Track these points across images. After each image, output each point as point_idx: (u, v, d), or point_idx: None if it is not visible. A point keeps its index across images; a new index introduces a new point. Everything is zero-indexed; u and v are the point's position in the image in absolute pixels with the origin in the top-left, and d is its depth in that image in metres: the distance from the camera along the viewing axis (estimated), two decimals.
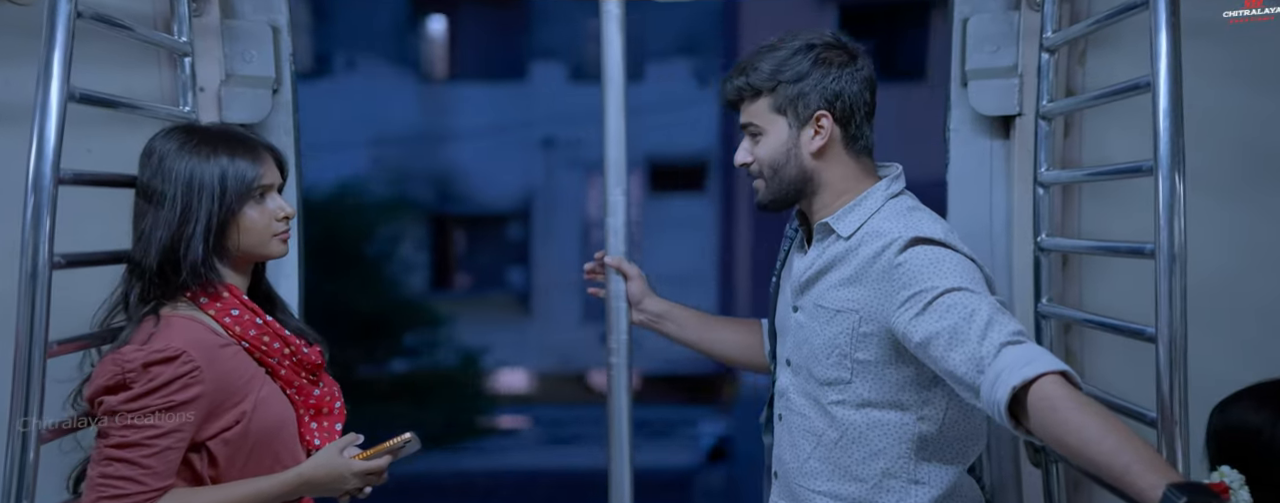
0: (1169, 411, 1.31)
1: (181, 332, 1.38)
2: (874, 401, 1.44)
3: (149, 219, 1.42)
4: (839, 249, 1.48)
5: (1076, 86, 1.78)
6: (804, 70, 1.46)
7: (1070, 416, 1.17)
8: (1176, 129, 1.32)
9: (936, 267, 1.37)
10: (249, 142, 1.47)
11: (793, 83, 1.46)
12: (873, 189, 1.49)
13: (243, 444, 1.40)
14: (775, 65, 1.47)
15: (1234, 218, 1.67)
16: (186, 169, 1.40)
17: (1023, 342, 1.28)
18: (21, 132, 1.33)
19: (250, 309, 1.45)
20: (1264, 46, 1.64)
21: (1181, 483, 1.06)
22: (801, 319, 1.52)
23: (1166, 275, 1.31)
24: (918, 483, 1.45)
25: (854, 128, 1.48)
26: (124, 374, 1.33)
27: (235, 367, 1.41)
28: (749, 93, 1.49)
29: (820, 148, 1.47)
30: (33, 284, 1.31)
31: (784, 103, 1.47)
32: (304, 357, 1.49)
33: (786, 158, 1.48)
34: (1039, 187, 1.78)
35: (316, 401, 1.51)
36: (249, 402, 1.40)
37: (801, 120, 1.47)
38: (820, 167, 1.48)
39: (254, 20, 1.86)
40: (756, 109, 1.49)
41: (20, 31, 1.56)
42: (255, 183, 1.43)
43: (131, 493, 1.33)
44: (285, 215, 1.48)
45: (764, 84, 1.47)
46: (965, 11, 1.85)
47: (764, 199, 1.52)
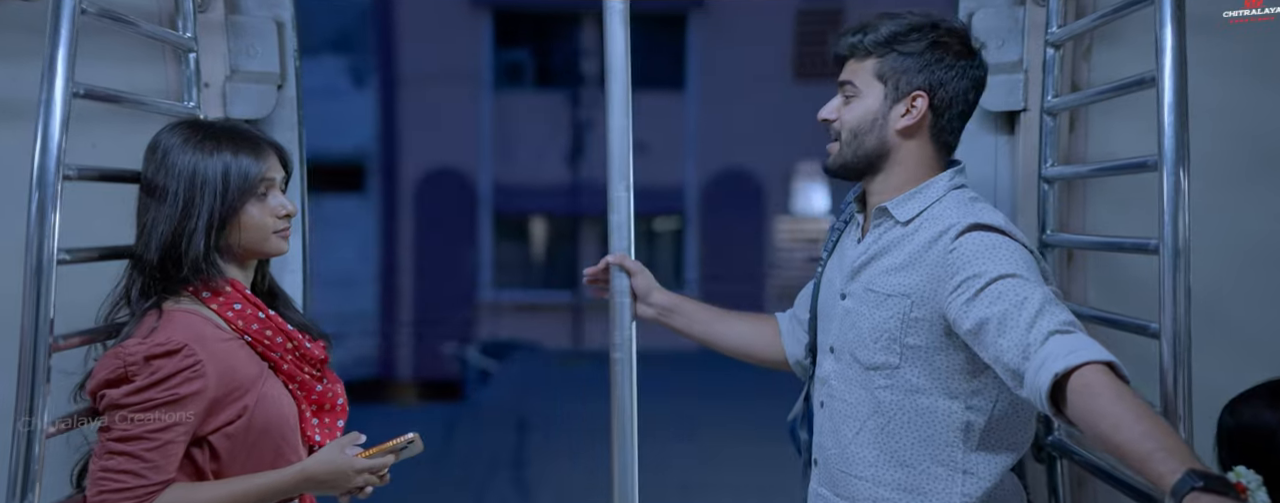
0: (1173, 407, 1.30)
1: (184, 326, 1.38)
2: (923, 387, 1.43)
3: (151, 214, 1.42)
4: (895, 235, 1.47)
5: (1081, 82, 1.77)
6: (919, 48, 1.44)
7: (1107, 403, 1.16)
8: (1181, 124, 1.31)
9: (992, 253, 1.35)
10: (253, 138, 1.47)
11: (903, 55, 1.44)
12: (936, 179, 1.47)
13: (245, 439, 1.40)
14: (893, 32, 1.45)
15: (1238, 213, 1.66)
16: (190, 165, 1.41)
17: (1073, 331, 1.26)
18: (26, 127, 1.34)
19: (253, 304, 1.45)
20: (1269, 42, 1.63)
21: (1202, 470, 1.06)
22: (849, 305, 1.50)
23: (1170, 271, 1.31)
24: (967, 473, 1.43)
25: (946, 120, 1.46)
26: (126, 367, 1.34)
27: (238, 361, 1.41)
28: (860, 51, 1.47)
29: (907, 127, 1.45)
30: (37, 279, 1.31)
31: (887, 71, 1.45)
32: (306, 352, 1.49)
33: (871, 126, 1.47)
34: (1043, 182, 1.77)
35: (319, 396, 1.51)
36: (251, 396, 1.41)
37: (899, 94, 1.45)
38: (900, 145, 1.46)
39: (258, 16, 1.86)
40: (861, 69, 1.47)
41: (26, 27, 1.56)
42: (258, 179, 1.44)
43: (133, 487, 1.33)
44: (286, 213, 1.48)
45: (876, 47, 1.46)
46: (970, 6, 1.85)
47: (834, 164, 1.51)
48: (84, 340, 1.46)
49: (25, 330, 1.31)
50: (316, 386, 1.51)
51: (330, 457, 1.42)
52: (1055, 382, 1.21)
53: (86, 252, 1.45)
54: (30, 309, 1.31)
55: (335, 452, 1.43)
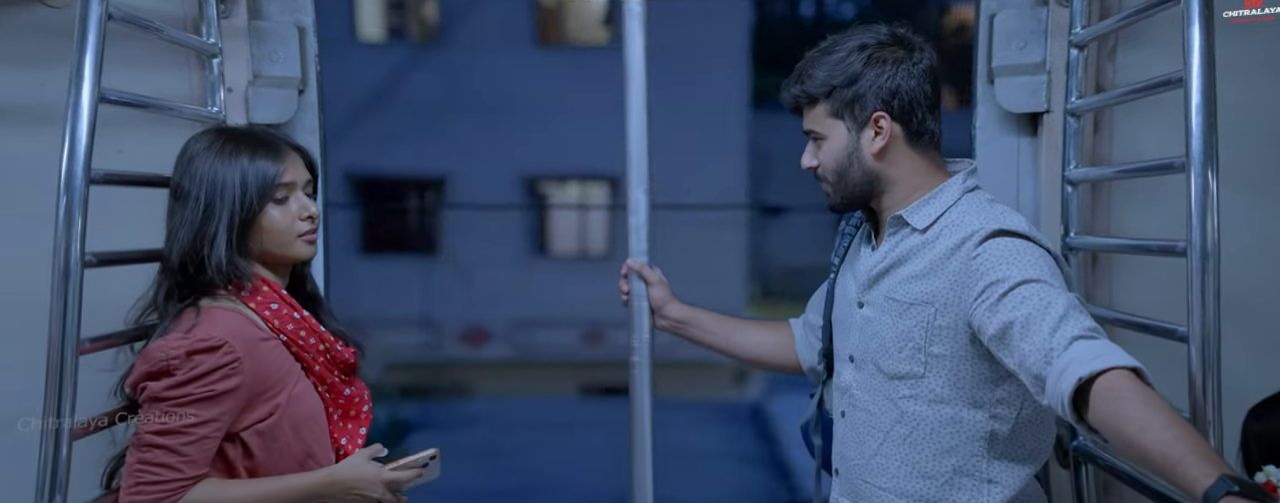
0: (1202, 412, 1.29)
1: (224, 323, 1.40)
2: (947, 397, 1.42)
3: (177, 218, 1.45)
4: (914, 242, 1.46)
5: (1106, 83, 1.76)
6: (857, 72, 1.44)
7: (1133, 407, 1.14)
8: (1209, 125, 1.30)
9: (1016, 258, 1.35)
10: (272, 141, 1.49)
11: (847, 86, 1.45)
12: (949, 183, 1.47)
13: (277, 436, 1.43)
14: (828, 71, 1.46)
15: (1268, 215, 1.64)
16: (210, 169, 1.43)
17: (1097, 337, 1.25)
18: (55, 132, 1.35)
19: (288, 304, 1.47)
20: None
21: (1235, 476, 1.05)
22: (869, 314, 1.49)
23: (1199, 274, 1.29)
24: (991, 483, 1.43)
25: (916, 123, 1.46)
26: (168, 361, 1.36)
27: (274, 360, 1.43)
28: (806, 100, 1.49)
29: (882, 148, 1.45)
30: (65, 283, 1.33)
31: (840, 107, 1.46)
32: (338, 354, 1.51)
33: (850, 161, 1.47)
34: (1067, 184, 1.76)
35: (346, 401, 1.52)
36: (284, 395, 1.43)
37: (860, 123, 1.45)
38: (885, 166, 1.47)
39: (280, 21, 1.87)
40: (815, 115, 1.49)
41: (53, 34, 1.58)
42: (276, 181, 1.45)
43: (168, 479, 1.36)
44: (309, 216, 1.49)
45: (818, 91, 1.46)
46: (992, 7, 1.84)
47: (834, 202, 1.52)
48: (112, 343, 1.48)
49: (53, 333, 1.33)
50: (345, 389, 1.52)
51: (358, 464, 1.44)
52: (1078, 387, 1.19)
53: (113, 255, 1.47)
54: (57, 312, 1.33)
55: (362, 460, 1.45)
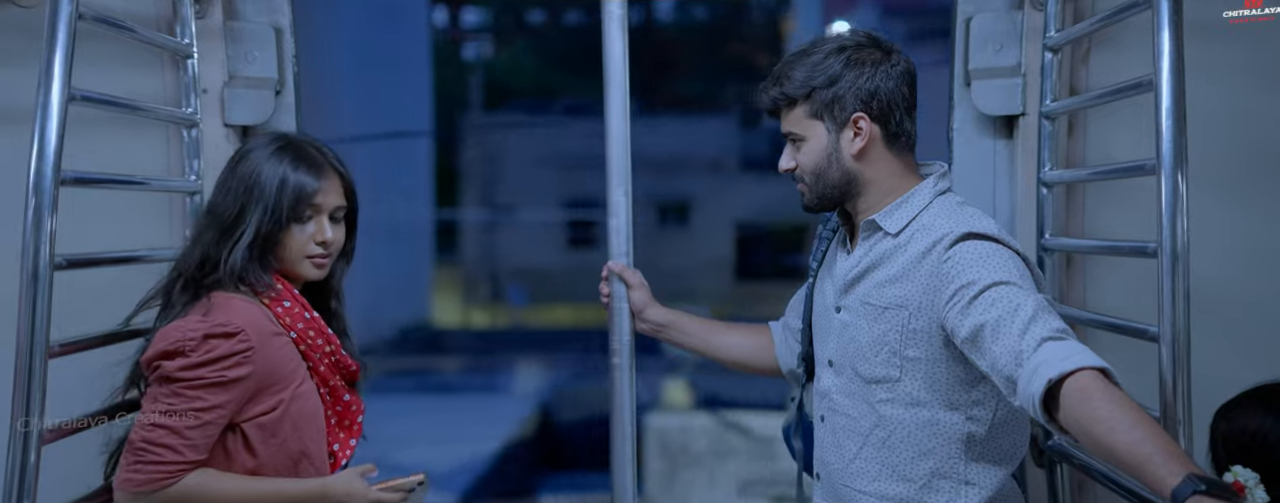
0: (1173, 411, 1.30)
1: (242, 312, 1.41)
2: (924, 400, 1.43)
3: (210, 216, 1.47)
4: (887, 246, 1.47)
5: (1080, 86, 1.77)
6: (836, 73, 1.45)
7: (1102, 407, 1.15)
8: (1179, 128, 1.31)
9: (985, 261, 1.36)
10: (319, 159, 1.49)
11: (826, 87, 1.45)
12: (920, 186, 1.48)
13: (277, 431, 1.43)
14: (808, 72, 1.46)
15: (1237, 217, 1.66)
16: (255, 169, 1.45)
17: (1065, 338, 1.26)
18: (23, 133, 1.34)
19: (300, 303, 1.48)
20: (1267, 45, 1.63)
21: (1202, 475, 1.06)
22: (846, 318, 1.50)
23: (1169, 275, 1.31)
24: (969, 484, 1.44)
25: (893, 125, 1.47)
26: (185, 341, 1.37)
27: (283, 356, 1.44)
28: (785, 102, 1.49)
29: (861, 149, 1.46)
30: (34, 285, 1.31)
31: (820, 108, 1.46)
32: (342, 358, 1.52)
33: (828, 162, 1.48)
34: (1042, 186, 1.77)
35: (344, 407, 1.53)
36: (288, 392, 1.44)
37: (839, 124, 1.46)
38: (863, 167, 1.47)
39: (256, 22, 1.86)
40: (794, 117, 1.49)
41: (23, 33, 1.56)
42: (313, 196, 1.45)
43: (169, 461, 1.36)
44: (323, 241, 1.48)
45: (798, 92, 1.47)
46: (968, 11, 1.85)
47: (810, 202, 1.52)
48: (82, 347, 1.46)
49: (21, 337, 1.31)
50: (344, 395, 1.53)
51: (350, 479, 1.45)
52: (1048, 388, 1.20)
53: (84, 258, 1.45)
54: (26, 315, 1.31)
55: (354, 476, 1.45)
